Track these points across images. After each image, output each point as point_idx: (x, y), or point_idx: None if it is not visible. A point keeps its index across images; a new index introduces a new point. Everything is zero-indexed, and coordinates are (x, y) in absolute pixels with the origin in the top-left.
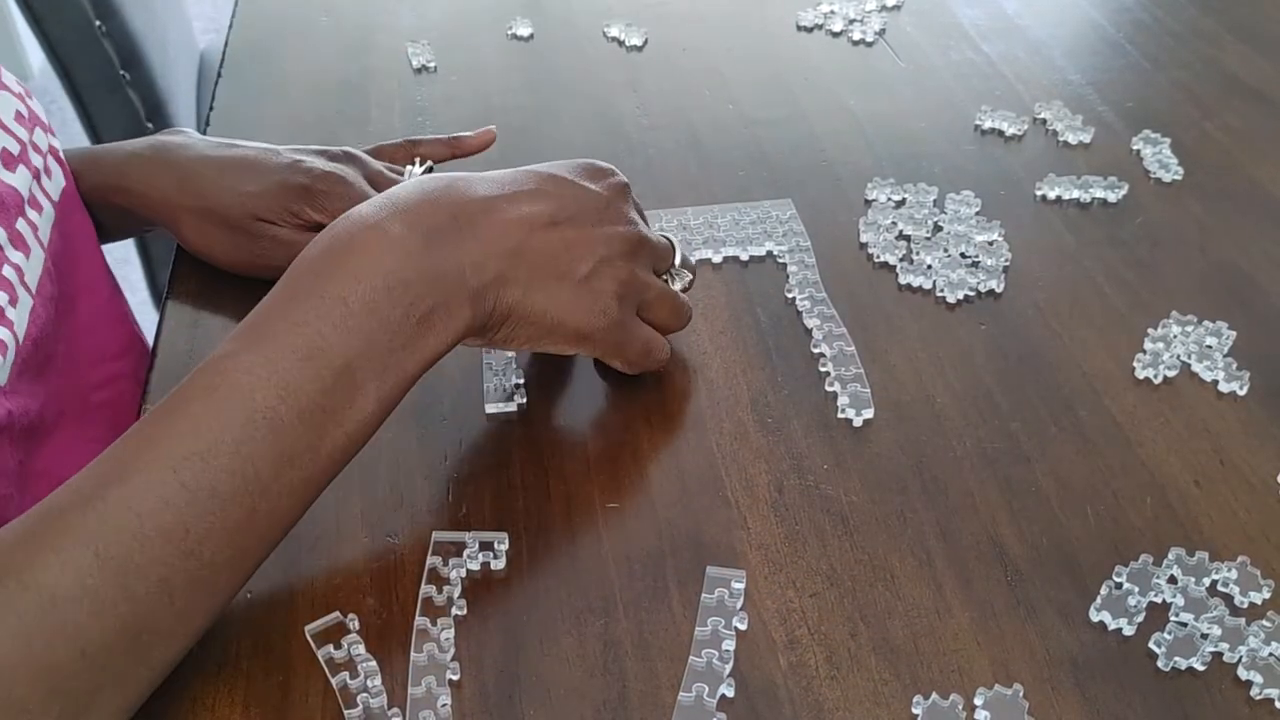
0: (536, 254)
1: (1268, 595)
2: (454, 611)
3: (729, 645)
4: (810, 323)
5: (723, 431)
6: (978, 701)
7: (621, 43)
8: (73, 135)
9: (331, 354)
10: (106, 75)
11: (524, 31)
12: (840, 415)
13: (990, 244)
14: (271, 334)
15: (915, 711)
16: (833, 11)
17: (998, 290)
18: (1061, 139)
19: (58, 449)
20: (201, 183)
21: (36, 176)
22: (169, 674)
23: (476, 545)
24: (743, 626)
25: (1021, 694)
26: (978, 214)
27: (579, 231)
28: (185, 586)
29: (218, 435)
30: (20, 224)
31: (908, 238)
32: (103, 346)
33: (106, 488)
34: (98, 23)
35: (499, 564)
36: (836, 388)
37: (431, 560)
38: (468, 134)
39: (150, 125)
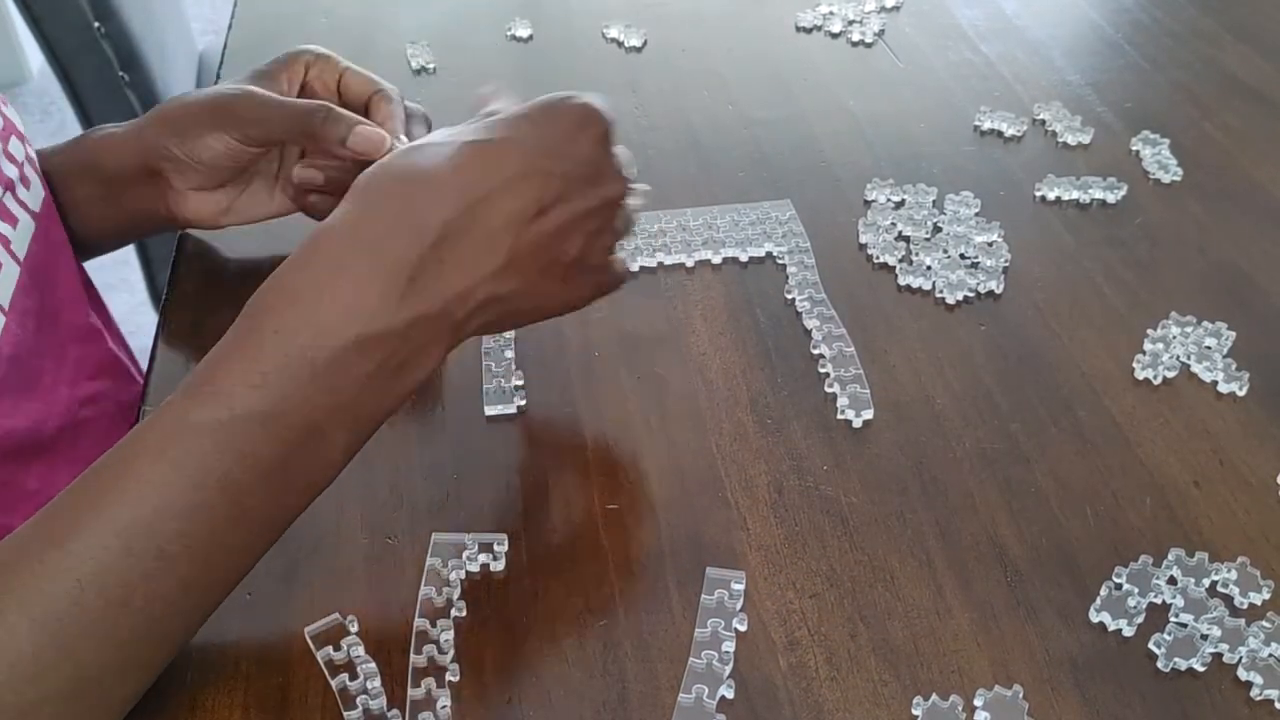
0: (525, 257)
1: (1267, 596)
2: (453, 613)
3: (729, 646)
4: (810, 324)
5: (722, 432)
6: (977, 703)
7: (621, 44)
8: (72, 136)
9: (295, 415)
10: (106, 76)
11: (523, 32)
12: (840, 416)
13: (989, 245)
14: (228, 393)
15: (915, 712)
16: (832, 12)
17: (997, 291)
18: (1061, 140)
19: (48, 468)
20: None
21: (10, 188)
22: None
23: (476, 547)
24: (742, 628)
25: (1021, 695)
26: (977, 215)
27: (568, 209)
28: (132, 642)
29: (167, 500)
30: None
31: (907, 238)
32: (88, 363)
33: (45, 550)
34: (97, 24)
35: (498, 565)
36: (836, 388)
37: (431, 561)
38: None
39: None
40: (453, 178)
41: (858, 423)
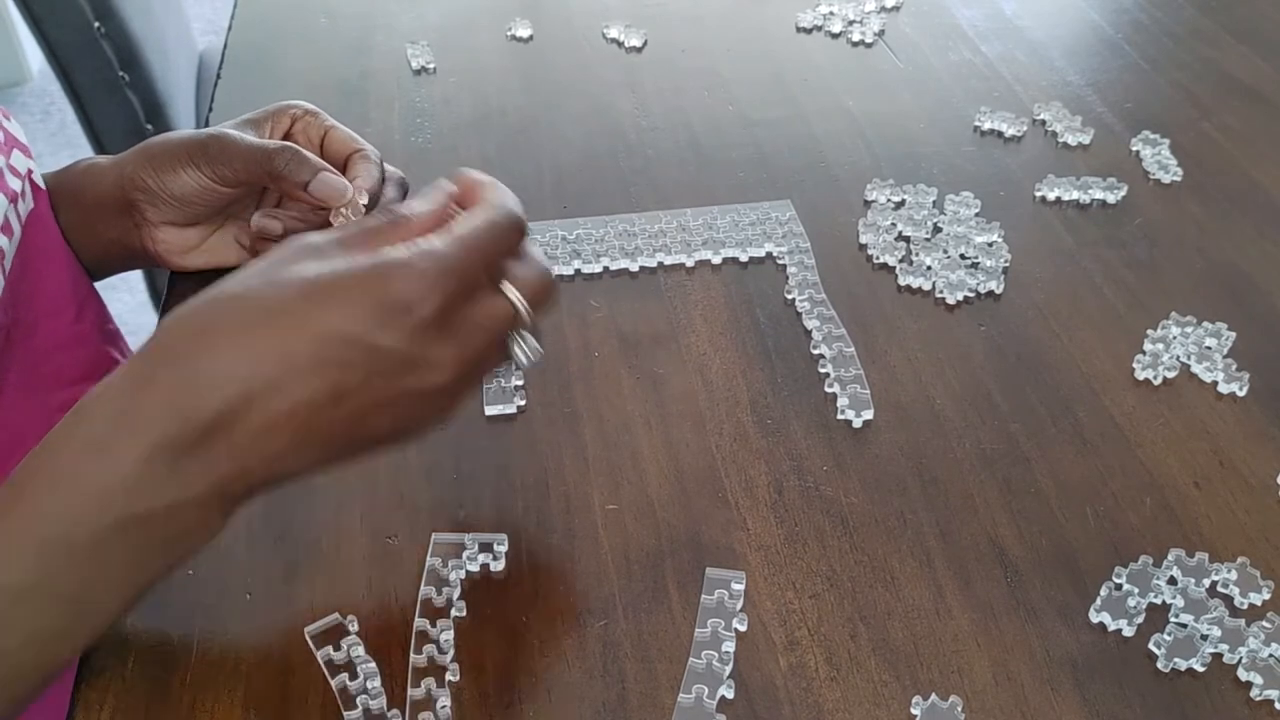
0: (314, 439)
1: (1267, 596)
2: (453, 613)
3: (729, 646)
4: (810, 324)
5: (722, 433)
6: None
7: (621, 44)
8: (72, 137)
9: (55, 591)
10: (106, 77)
11: (523, 32)
12: (840, 416)
13: (990, 245)
14: None
15: (914, 712)
16: (832, 13)
17: (997, 291)
18: (1061, 140)
19: None
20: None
21: (14, 200)
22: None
23: (476, 547)
24: (742, 628)
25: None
26: (977, 215)
27: (370, 397)
28: None
29: None
30: None
31: (907, 239)
32: (66, 370)
33: None
34: (97, 24)
35: (498, 565)
36: (836, 389)
37: (431, 561)
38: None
39: (150, 126)
40: (240, 357)
41: (858, 423)
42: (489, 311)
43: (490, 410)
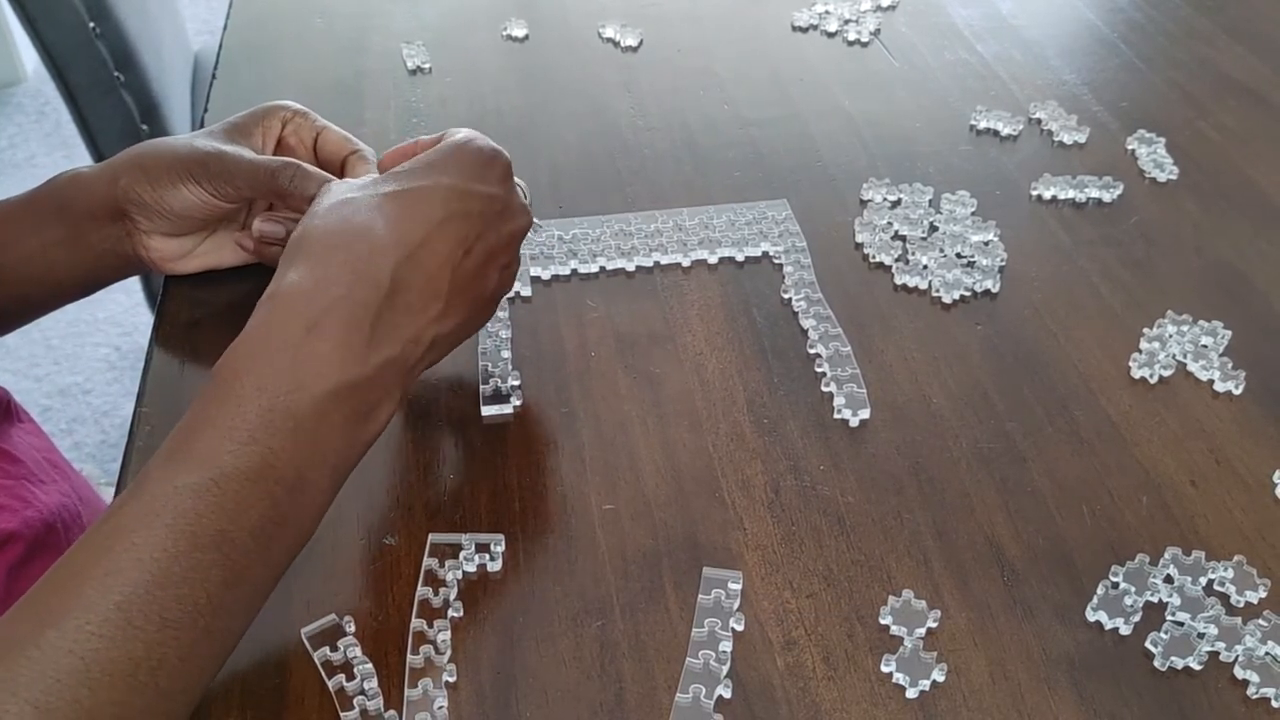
0: (458, 294)
1: (1264, 594)
2: (450, 613)
3: (726, 646)
4: (806, 323)
5: (719, 432)
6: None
7: (616, 43)
8: (67, 137)
9: (282, 469)
10: (101, 77)
11: (519, 32)
12: (836, 416)
13: (986, 244)
14: (214, 454)
15: (885, 668)
16: (828, 12)
17: (993, 290)
18: (1056, 139)
19: None
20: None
21: None
22: None
23: (473, 547)
24: (739, 627)
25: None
26: (973, 214)
27: (486, 245)
28: (141, 717)
29: (164, 566)
30: None
31: (903, 238)
32: None
33: (40, 631)
34: (92, 25)
35: (495, 566)
36: (832, 388)
37: (428, 562)
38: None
39: (145, 127)
40: (388, 229)
41: (854, 422)
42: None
43: (487, 411)
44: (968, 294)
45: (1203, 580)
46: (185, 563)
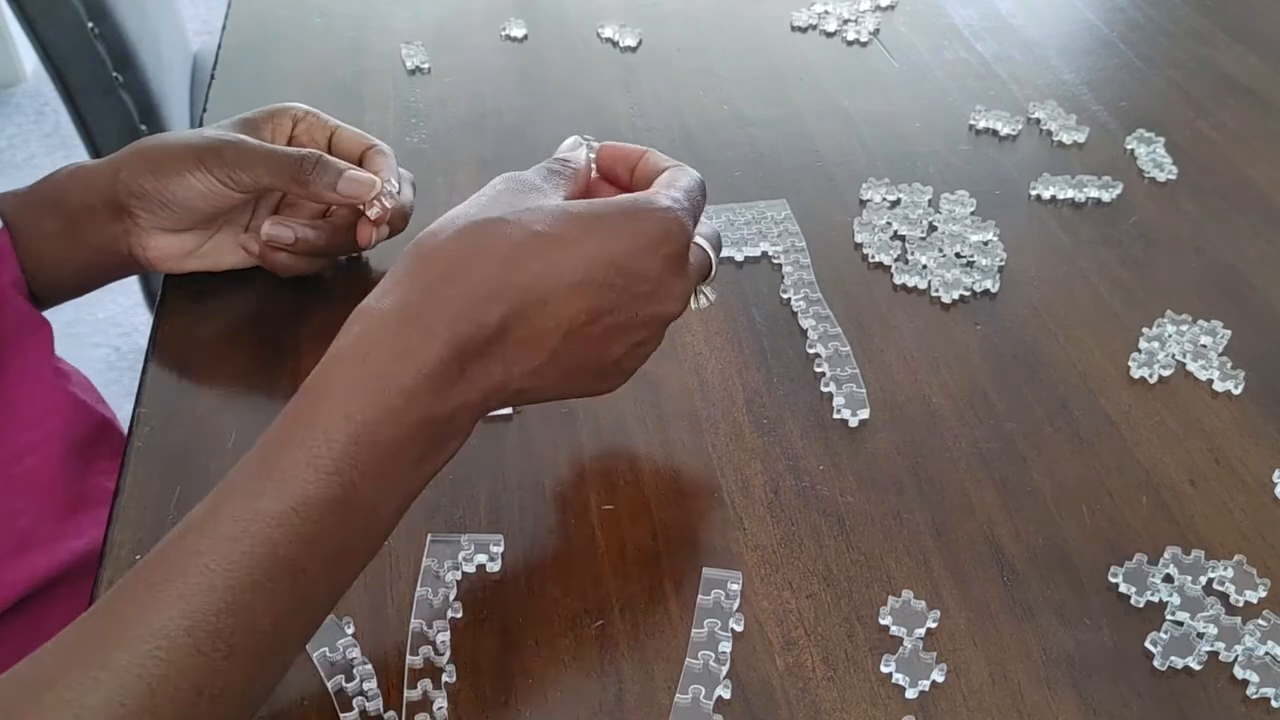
0: (565, 357)
1: (1263, 594)
2: (450, 614)
3: (725, 646)
4: (805, 323)
5: (718, 432)
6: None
7: (616, 43)
8: (67, 138)
9: (361, 500)
10: (100, 77)
11: (518, 32)
12: (836, 415)
13: (985, 244)
14: (298, 480)
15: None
16: (827, 12)
17: (993, 290)
18: (1056, 139)
19: None
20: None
21: None
22: None
23: (472, 547)
24: (739, 628)
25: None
26: (972, 214)
27: (616, 320)
28: None
29: (236, 593)
30: None
31: (903, 238)
32: (21, 413)
33: (109, 653)
34: (90, 25)
35: (494, 566)
36: (832, 388)
37: (427, 562)
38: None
39: (144, 127)
40: (515, 272)
41: (854, 422)
42: (698, 256)
43: None
44: (967, 294)
45: (1202, 580)
46: (258, 591)
